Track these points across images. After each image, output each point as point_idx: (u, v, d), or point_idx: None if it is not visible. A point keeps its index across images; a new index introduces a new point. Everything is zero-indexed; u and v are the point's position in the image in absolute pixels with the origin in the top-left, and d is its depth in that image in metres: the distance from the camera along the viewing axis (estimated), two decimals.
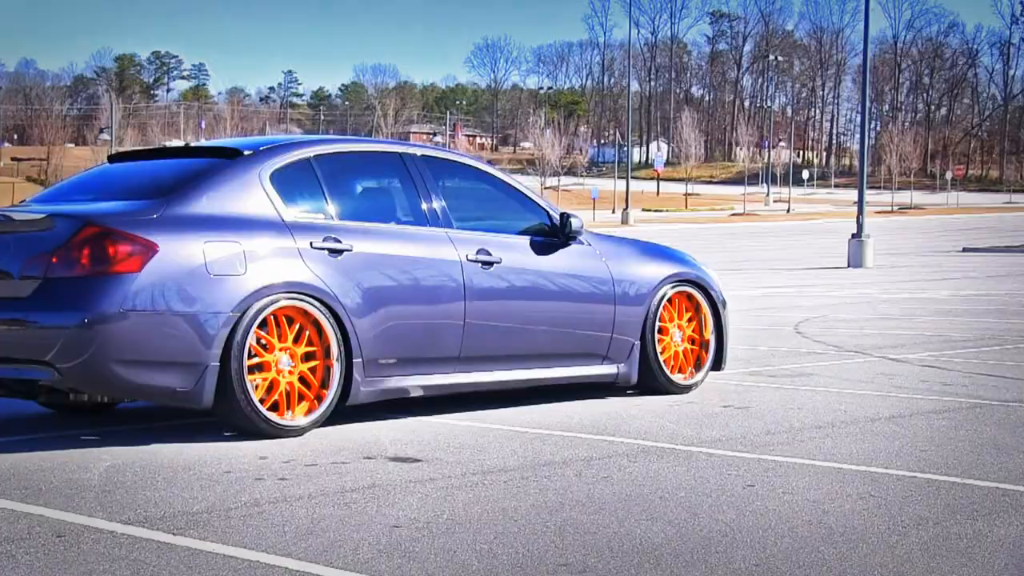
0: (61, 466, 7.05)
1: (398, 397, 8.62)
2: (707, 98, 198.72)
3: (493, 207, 9.59)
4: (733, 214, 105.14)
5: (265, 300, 7.84)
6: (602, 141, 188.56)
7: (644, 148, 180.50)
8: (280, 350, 7.95)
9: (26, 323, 7.50)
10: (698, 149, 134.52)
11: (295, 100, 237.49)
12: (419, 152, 9.26)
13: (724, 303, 10.36)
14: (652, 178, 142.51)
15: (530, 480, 6.65)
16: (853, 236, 37.25)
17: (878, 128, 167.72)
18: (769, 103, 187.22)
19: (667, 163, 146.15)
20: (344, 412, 8.41)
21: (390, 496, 6.28)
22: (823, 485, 6.51)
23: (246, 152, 8.43)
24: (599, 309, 9.54)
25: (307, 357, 8.08)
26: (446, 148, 11.06)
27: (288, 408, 7.97)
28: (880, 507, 6.00)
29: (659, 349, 9.86)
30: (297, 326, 8.03)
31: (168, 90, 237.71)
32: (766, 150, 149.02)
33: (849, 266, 36.09)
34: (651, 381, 9.85)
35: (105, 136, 73.77)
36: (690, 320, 10.19)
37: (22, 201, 9.21)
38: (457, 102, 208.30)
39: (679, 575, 4.83)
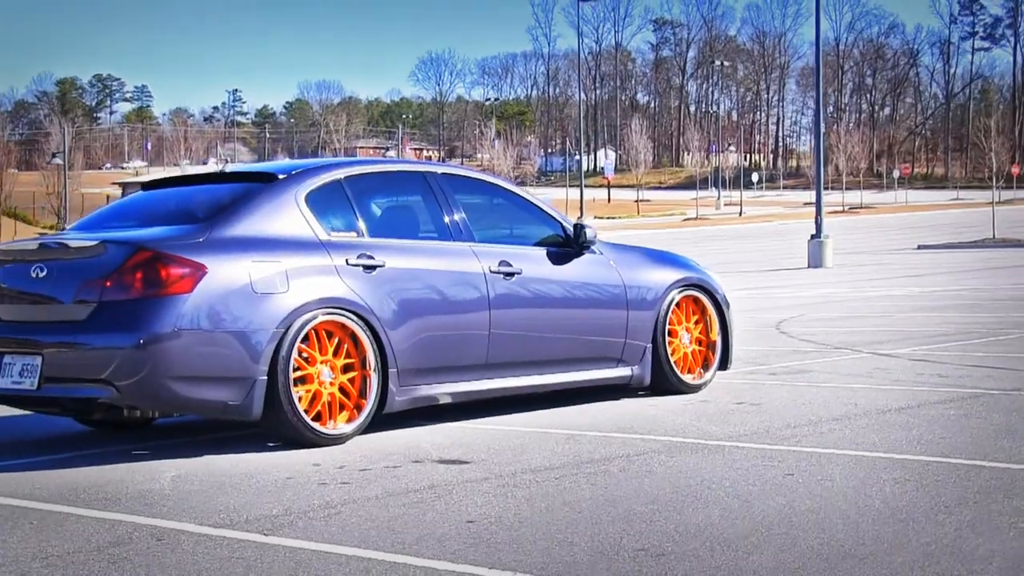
0: (128, 478, 7.39)
1: (428, 404, 8.98)
2: (653, 104, 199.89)
3: (510, 220, 10.00)
4: (686, 219, 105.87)
5: (307, 316, 8.19)
6: (550, 150, 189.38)
7: (592, 156, 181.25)
8: (321, 363, 8.30)
9: (84, 345, 7.85)
10: (647, 155, 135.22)
11: (240, 119, 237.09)
12: (440, 170, 9.67)
13: (728, 305, 10.79)
14: (602, 185, 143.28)
15: (579, 476, 7.03)
16: (812, 237, 37.82)
17: (823, 129, 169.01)
18: (715, 108, 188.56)
19: (616, 170, 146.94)
20: (375, 420, 8.72)
21: (452, 495, 6.64)
22: (858, 472, 6.92)
23: (281, 176, 8.79)
24: (613, 315, 9.94)
25: (346, 369, 8.44)
26: (464, 166, 11.44)
27: (330, 418, 8.33)
28: (918, 490, 6.41)
29: (670, 351, 10.25)
30: (336, 339, 8.38)
31: (111, 113, 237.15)
32: (715, 154, 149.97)
33: (809, 266, 36.63)
34: (663, 382, 10.25)
35: (58, 160, 73.53)
36: (697, 322, 10.60)
37: (62, 229, 9.51)
38: (403, 116, 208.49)
39: (752, 555, 5.21)
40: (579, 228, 9.92)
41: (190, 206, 8.73)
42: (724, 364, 10.71)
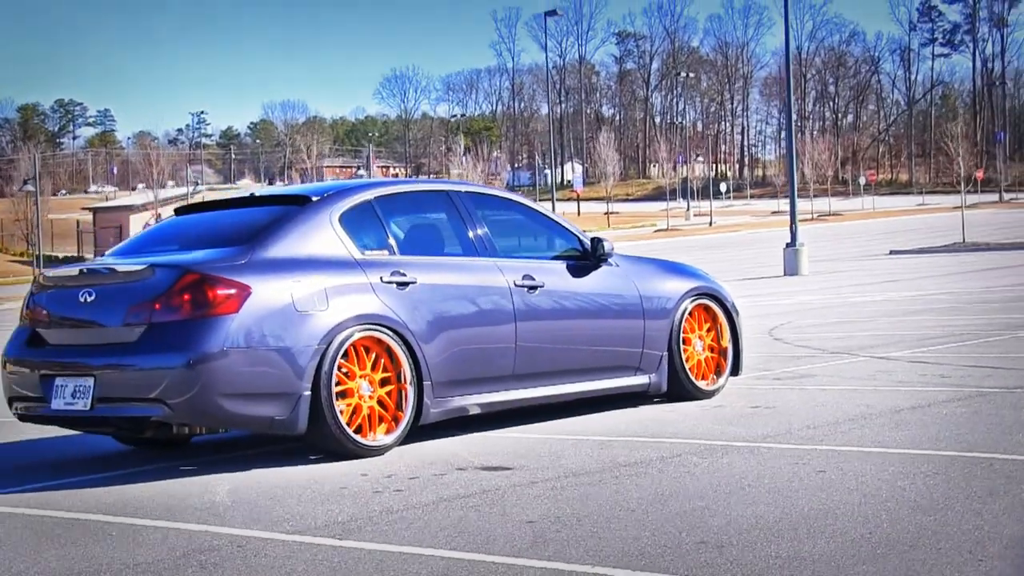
0: (184, 492, 7.71)
1: (459, 415, 9.32)
2: (618, 117, 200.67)
3: (530, 235, 10.38)
4: (657, 230, 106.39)
5: (346, 332, 8.53)
6: (517, 165, 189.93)
7: (559, 169, 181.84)
8: (360, 377, 8.63)
9: (136, 365, 8.17)
10: (615, 168, 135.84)
11: (204, 141, 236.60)
12: (463, 189, 10.04)
13: (737, 312, 11.19)
14: (571, 199, 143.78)
15: (622, 478, 7.38)
16: (788, 245, 38.24)
17: (795, 138, 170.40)
18: (680, 119, 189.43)
19: (584, 183, 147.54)
20: (408, 432, 9.03)
21: (505, 499, 6.97)
22: (887, 467, 7.29)
23: (314, 198, 9.14)
24: (631, 325, 10.31)
25: (383, 383, 8.77)
26: (485, 184, 11.81)
27: (370, 430, 8.66)
28: (948, 482, 6.78)
29: (684, 358, 10.63)
30: (373, 355, 8.73)
31: (74, 138, 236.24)
32: (682, 165, 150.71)
33: (786, 274, 37.03)
34: (679, 389, 10.62)
35: (30, 187, 73.77)
36: (709, 330, 10.98)
37: (102, 255, 9.82)
38: (369, 134, 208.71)
39: (806, 544, 5.57)
40: (596, 241, 10.29)
41: (228, 230, 9.04)
42: (736, 370, 11.10)
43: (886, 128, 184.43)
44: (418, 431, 9.13)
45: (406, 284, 8.97)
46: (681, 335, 10.64)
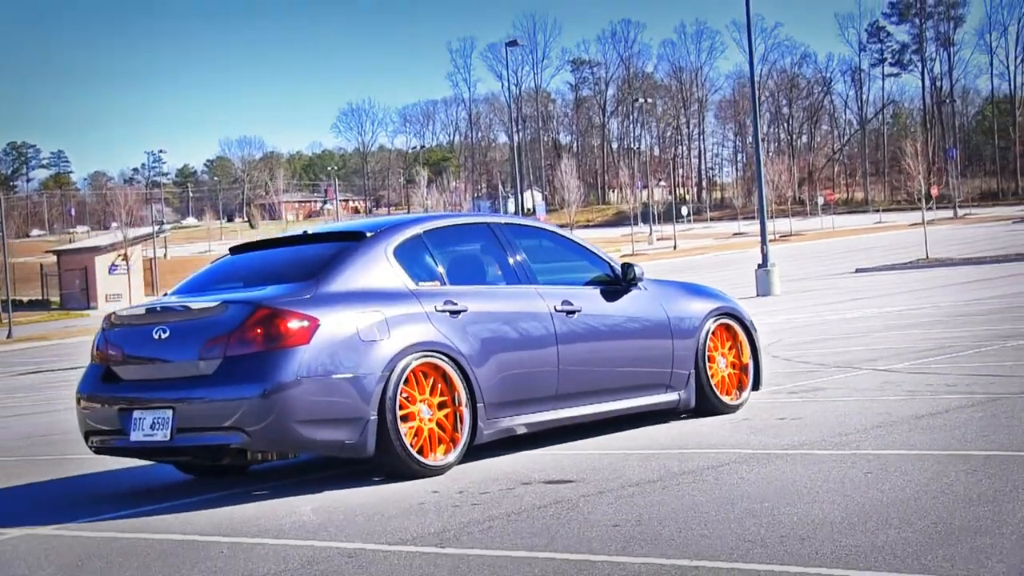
0: (270, 512, 8.23)
1: (508, 435, 9.86)
2: (576, 144, 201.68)
3: (564, 262, 10.95)
4: (622, 255, 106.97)
5: (406, 359, 9.09)
6: (476, 195, 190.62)
7: (519, 197, 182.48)
8: (420, 401, 9.18)
9: (215, 396, 8.70)
10: (578, 194, 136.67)
11: (161, 179, 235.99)
12: (503, 221, 10.64)
13: (755, 329, 11.78)
14: None
15: (683, 486, 7.93)
16: (759, 266, 39.00)
17: (744, 160, 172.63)
18: (637, 144, 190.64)
19: (545, 210, 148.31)
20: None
21: (580, 507, 7.51)
22: (927, 467, 7.87)
23: (369, 234, 9.71)
24: (661, 344, 10.90)
25: (441, 406, 9.32)
26: (521, 215, 12.35)
27: (431, 450, 9.20)
28: (991, 477, 7.37)
29: (710, 375, 11.21)
30: (431, 380, 9.28)
31: (28, 180, 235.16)
32: (642, 190, 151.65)
33: (758, 295, 37.65)
34: (706, 404, 11.21)
35: None
36: (730, 348, 11.58)
37: (164, 294, 10.31)
38: (328, 168, 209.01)
39: (878, 535, 6.13)
40: (627, 267, 10.89)
41: (290, 266, 9.59)
42: (756, 385, 11.69)
43: (840, 148, 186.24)
44: (468, 452, 9.65)
45: (458, 312, 9.53)
46: (706, 353, 11.23)
